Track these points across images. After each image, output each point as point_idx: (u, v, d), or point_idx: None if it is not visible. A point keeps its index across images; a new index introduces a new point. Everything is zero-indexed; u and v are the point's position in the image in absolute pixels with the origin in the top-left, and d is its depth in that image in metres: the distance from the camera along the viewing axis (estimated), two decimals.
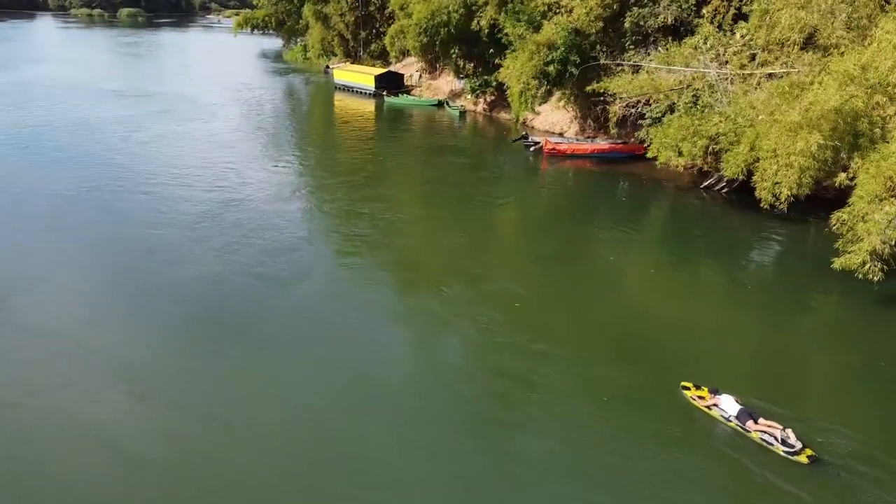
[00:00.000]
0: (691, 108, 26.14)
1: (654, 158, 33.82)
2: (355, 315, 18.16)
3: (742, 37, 27.93)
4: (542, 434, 13.43)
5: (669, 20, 29.79)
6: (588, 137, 38.52)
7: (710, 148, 25.52)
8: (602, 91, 30.73)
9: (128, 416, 13.71)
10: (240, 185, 29.51)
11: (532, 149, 36.62)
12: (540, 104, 38.90)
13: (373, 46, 64.95)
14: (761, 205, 21.24)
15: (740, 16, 29.11)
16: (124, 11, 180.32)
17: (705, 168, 26.37)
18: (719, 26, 29.20)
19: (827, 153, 19.55)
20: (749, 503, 11.88)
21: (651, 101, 28.45)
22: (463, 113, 47.73)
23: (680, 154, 25.72)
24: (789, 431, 13.12)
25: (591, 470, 12.55)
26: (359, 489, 11.97)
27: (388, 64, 64.89)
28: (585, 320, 18.37)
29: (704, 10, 29.58)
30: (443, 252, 23.55)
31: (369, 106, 53.59)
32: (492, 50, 44.30)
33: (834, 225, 19.41)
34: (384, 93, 54.45)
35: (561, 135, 40.77)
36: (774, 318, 18.73)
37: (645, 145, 33.31)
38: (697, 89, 26.60)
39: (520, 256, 24.07)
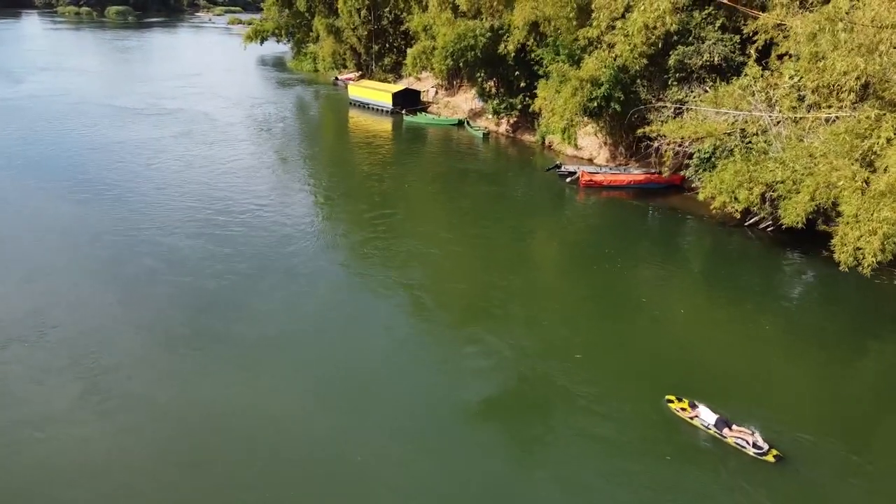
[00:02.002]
0: (746, 153, 26.25)
1: (691, 190, 34.46)
2: (403, 366, 19.18)
3: (790, 78, 28.08)
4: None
5: (716, 60, 29.87)
6: (619, 165, 38.66)
7: (768, 195, 25.69)
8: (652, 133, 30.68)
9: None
10: (281, 225, 29.81)
11: (568, 179, 36.64)
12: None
13: (385, 60, 64.59)
14: (840, 267, 21.44)
15: (787, 56, 29.31)
16: (112, 10, 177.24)
17: (762, 213, 26.50)
18: (765, 66, 29.38)
19: None
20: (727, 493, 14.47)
21: (695, 139, 28.54)
22: (486, 134, 47.63)
23: (736, 200, 25.85)
24: (757, 435, 15.50)
25: None
26: None
27: (400, 78, 64.64)
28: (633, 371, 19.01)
29: (750, 50, 29.72)
30: (485, 292, 23.93)
31: (387, 124, 53.33)
32: (517, 73, 44.38)
33: None
34: (403, 111, 54.15)
35: (590, 161, 40.87)
36: (831, 369, 19.49)
37: (682, 175, 33.71)
38: (752, 134, 26.71)
39: (567, 298, 24.57)
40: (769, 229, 29.06)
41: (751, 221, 29.61)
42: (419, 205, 34.77)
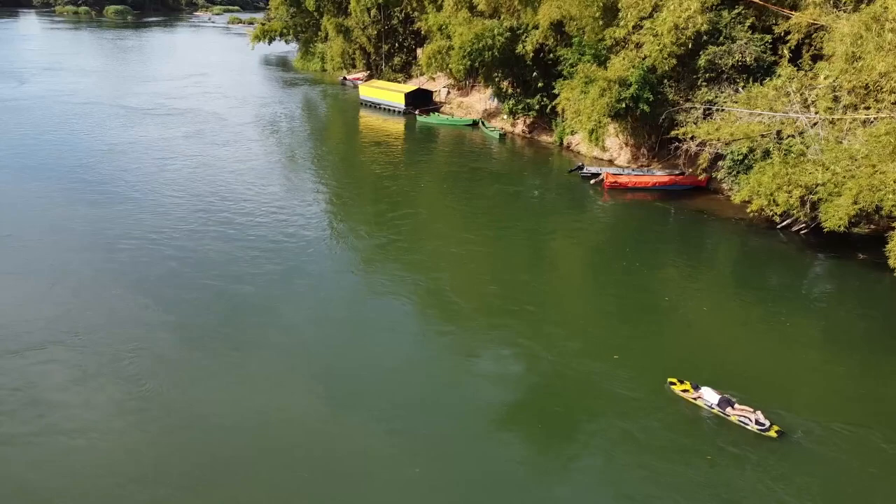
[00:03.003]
0: (785, 155, 25.78)
1: (717, 191, 34.03)
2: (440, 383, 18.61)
3: (825, 78, 27.63)
4: None
5: (749, 60, 29.39)
6: (641, 167, 38.20)
7: (807, 198, 25.23)
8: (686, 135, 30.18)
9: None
10: (302, 227, 29.33)
11: (593, 181, 36.14)
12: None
13: (395, 60, 64.00)
14: None
15: (820, 56, 28.89)
16: (111, 9, 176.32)
17: (801, 218, 26.04)
18: (797, 66, 28.95)
19: None
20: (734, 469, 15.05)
21: (730, 141, 28.04)
22: (503, 135, 47.09)
23: (775, 203, 25.38)
24: (759, 413, 16.02)
25: None
26: None
27: (410, 78, 64.08)
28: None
29: (783, 50, 29.27)
30: (512, 293, 23.54)
31: (399, 125, 52.75)
32: (534, 73, 43.87)
33: None
34: (416, 111, 53.57)
35: (610, 162, 40.39)
36: (867, 371, 19.10)
37: (707, 176, 33.28)
38: (788, 136, 26.24)
39: (595, 298, 24.44)
40: (802, 232, 28.60)
41: (783, 224, 29.14)
42: (439, 205, 34.29)
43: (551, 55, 41.75)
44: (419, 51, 65.71)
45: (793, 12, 29.60)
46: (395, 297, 23.28)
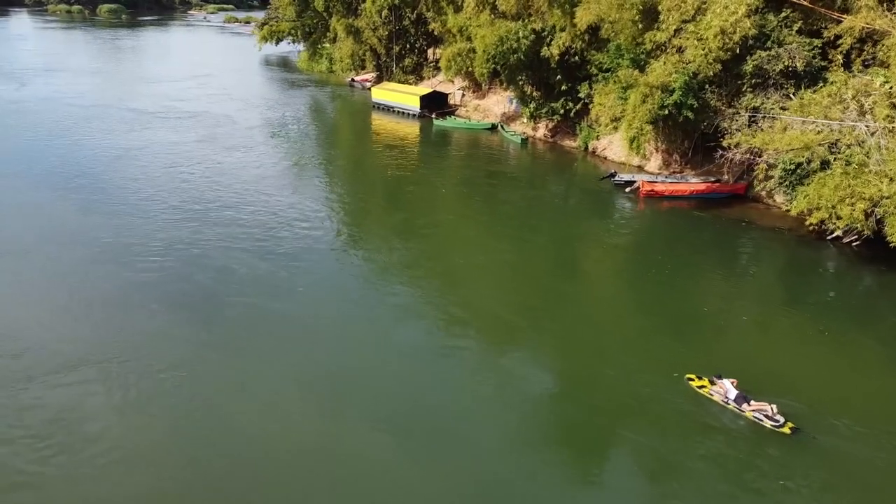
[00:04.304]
0: (846, 165, 24.70)
1: (755, 200, 32.98)
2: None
3: (882, 85, 26.59)
4: None
5: (799, 66, 28.28)
6: (674, 173, 37.10)
7: (871, 211, 24.16)
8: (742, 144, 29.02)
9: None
10: (328, 242, 28.37)
11: (628, 189, 34.97)
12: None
13: (406, 61, 62.64)
14: None
15: (873, 61, 27.89)
16: (104, 8, 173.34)
17: (865, 232, 24.94)
18: (850, 72, 27.89)
19: None
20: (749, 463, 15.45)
21: (788, 150, 26.89)
22: (525, 140, 45.80)
23: (837, 217, 24.31)
24: (774, 407, 16.29)
25: None
26: None
27: (421, 80, 62.75)
28: None
29: (835, 55, 28.21)
30: (553, 304, 23.06)
31: (414, 128, 51.40)
32: (559, 77, 42.70)
33: None
34: (433, 115, 52.24)
35: (640, 168, 39.26)
36: None
37: (745, 184, 32.26)
38: (847, 145, 25.15)
39: (638, 307, 23.68)
40: (854, 244, 27.57)
41: (833, 235, 28.09)
42: (464, 212, 33.27)
43: (577, 58, 40.61)
44: (430, 52, 64.52)
45: (843, 15, 28.53)
46: (434, 311, 22.46)
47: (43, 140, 42.14)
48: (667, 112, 30.33)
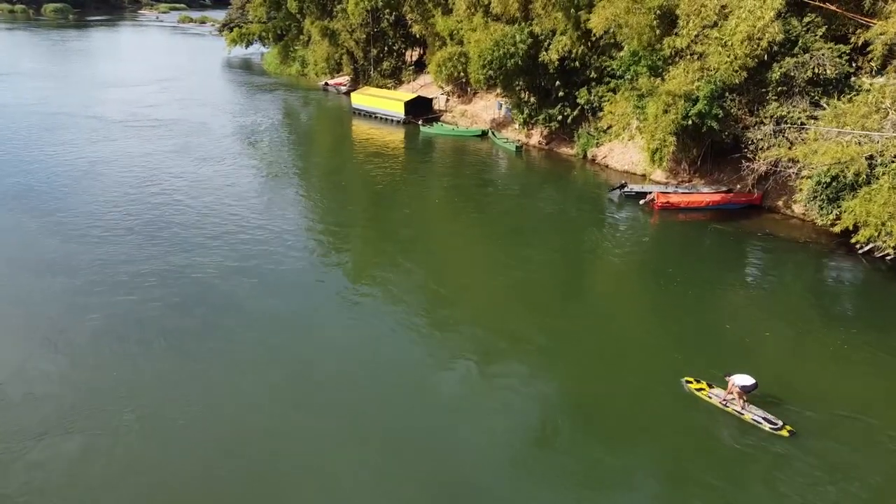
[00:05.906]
0: (894, 179, 23.41)
1: (771, 210, 31.74)
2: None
3: None
4: None
5: (830, 73, 27.00)
6: (682, 183, 35.67)
7: None
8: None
9: None
10: (324, 263, 26.68)
11: (641, 202, 33.30)
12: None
13: (384, 65, 60.16)
14: None
15: None
16: (49, 7, 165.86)
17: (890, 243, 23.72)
18: (879, 78, 26.73)
19: None
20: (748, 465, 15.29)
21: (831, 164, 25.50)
22: (520, 148, 43.79)
23: (888, 234, 22.99)
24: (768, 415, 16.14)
25: None
26: None
27: (400, 84, 60.37)
28: None
29: (862, 62, 27.03)
30: (573, 326, 21.84)
31: (399, 136, 49.00)
32: (557, 82, 40.95)
33: None
34: (419, 121, 49.88)
35: (644, 177, 37.71)
36: None
37: (760, 195, 31.01)
38: (894, 157, 23.88)
39: (662, 324, 22.44)
40: (888, 257, 26.38)
41: (865, 249, 26.87)
42: (464, 227, 31.43)
43: (576, 63, 38.89)
44: (408, 54, 62.22)
45: (872, 20, 27.36)
46: (447, 332, 21.13)
47: (1, 154, 38.56)
48: (690, 122, 28.71)
